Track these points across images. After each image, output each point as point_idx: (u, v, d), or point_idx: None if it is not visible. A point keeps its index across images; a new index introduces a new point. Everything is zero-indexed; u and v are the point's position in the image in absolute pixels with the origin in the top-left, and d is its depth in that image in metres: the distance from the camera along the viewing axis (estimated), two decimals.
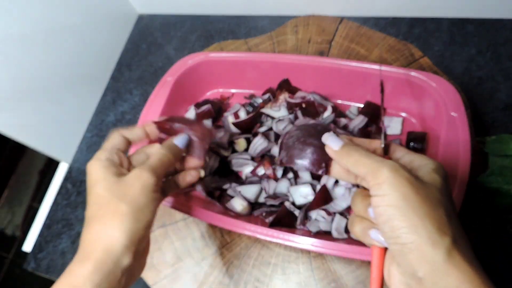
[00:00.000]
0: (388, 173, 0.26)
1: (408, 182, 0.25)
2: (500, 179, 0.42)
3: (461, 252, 0.24)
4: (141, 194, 0.32)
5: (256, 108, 0.57)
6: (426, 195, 0.25)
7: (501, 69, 0.56)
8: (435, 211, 0.25)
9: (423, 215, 0.24)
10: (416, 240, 0.24)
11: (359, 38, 0.63)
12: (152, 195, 0.33)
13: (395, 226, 0.25)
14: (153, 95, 0.55)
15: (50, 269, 0.59)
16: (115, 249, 0.29)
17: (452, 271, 0.23)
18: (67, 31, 0.64)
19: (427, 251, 0.24)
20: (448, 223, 0.25)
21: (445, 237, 0.24)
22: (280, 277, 0.48)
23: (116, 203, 0.30)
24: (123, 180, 0.32)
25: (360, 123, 0.52)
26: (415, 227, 0.24)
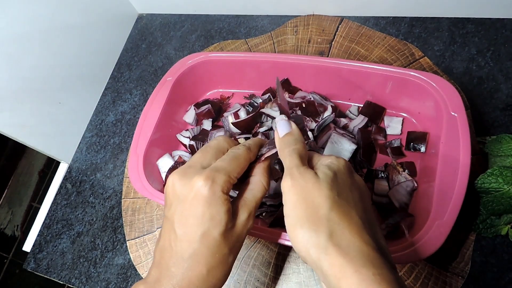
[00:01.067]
0: (288, 181, 0.28)
1: (300, 189, 0.27)
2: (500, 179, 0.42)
3: (336, 245, 0.24)
4: (242, 241, 0.31)
5: (256, 108, 0.57)
6: (311, 197, 0.26)
7: (501, 69, 0.56)
8: (316, 210, 0.25)
9: (304, 220, 0.25)
10: (302, 247, 0.25)
11: (359, 38, 0.63)
12: None
13: (290, 237, 0.26)
14: (153, 95, 0.55)
15: (50, 269, 0.59)
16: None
17: (330, 269, 0.24)
18: (67, 31, 0.64)
19: (312, 254, 0.25)
20: (326, 218, 0.25)
21: (321, 234, 0.24)
22: (280, 277, 0.48)
23: (227, 254, 0.29)
24: (235, 226, 0.29)
25: (360, 123, 0.52)
26: (299, 234, 0.25)
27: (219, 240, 0.28)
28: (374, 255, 0.24)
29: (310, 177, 0.27)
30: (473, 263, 0.44)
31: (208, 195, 0.28)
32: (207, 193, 0.28)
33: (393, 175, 0.48)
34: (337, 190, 0.27)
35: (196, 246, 0.28)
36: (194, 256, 0.28)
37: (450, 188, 0.39)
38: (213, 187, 0.28)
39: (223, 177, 0.29)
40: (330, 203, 0.26)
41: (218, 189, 0.28)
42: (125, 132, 0.68)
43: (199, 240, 0.28)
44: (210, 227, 0.28)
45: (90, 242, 0.59)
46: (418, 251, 0.37)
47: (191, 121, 0.60)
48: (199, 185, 0.28)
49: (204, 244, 0.28)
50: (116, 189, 0.63)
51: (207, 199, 0.28)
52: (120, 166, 0.65)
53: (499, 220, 0.44)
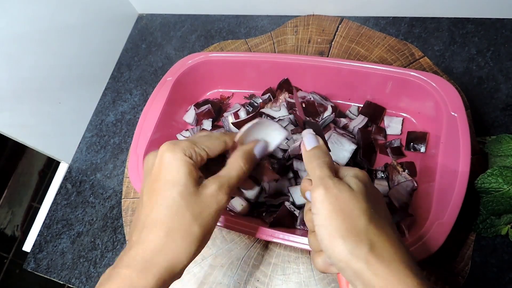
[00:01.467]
0: (321, 190, 0.27)
1: (335, 200, 0.27)
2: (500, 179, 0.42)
3: (379, 256, 0.25)
4: (214, 218, 0.29)
5: (256, 108, 0.57)
6: (348, 209, 0.26)
7: (501, 69, 0.56)
8: (355, 221, 0.26)
9: (344, 231, 0.26)
10: (343, 258, 0.25)
11: (359, 38, 0.63)
12: (219, 217, 0.30)
13: (326, 247, 0.26)
14: (153, 95, 0.55)
15: (50, 269, 0.59)
16: (176, 270, 0.28)
17: (373, 279, 0.24)
18: (67, 31, 0.64)
19: (353, 265, 0.25)
20: (366, 230, 0.26)
21: (362, 246, 0.25)
22: (280, 277, 0.48)
23: (190, 221, 0.28)
24: (202, 194, 0.29)
25: (360, 123, 0.52)
26: (339, 244, 0.25)
27: (178, 201, 0.28)
28: (413, 266, 0.25)
29: (345, 189, 0.27)
30: (473, 263, 0.44)
31: (169, 156, 0.29)
32: (168, 154, 0.29)
33: (393, 175, 0.48)
34: (371, 203, 0.27)
35: (156, 208, 0.28)
36: (153, 219, 0.28)
37: (450, 188, 0.39)
38: (175, 150, 0.29)
39: (185, 143, 0.30)
40: (368, 215, 0.26)
41: (180, 151, 0.29)
42: (125, 132, 0.68)
43: (160, 201, 0.28)
44: (169, 187, 0.28)
45: (90, 242, 0.59)
46: (418, 251, 0.37)
47: (191, 121, 0.60)
48: (162, 150, 0.29)
49: (162, 205, 0.28)
50: (116, 189, 0.63)
51: (168, 159, 0.28)
52: (120, 166, 0.65)
53: (499, 220, 0.44)
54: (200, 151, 0.30)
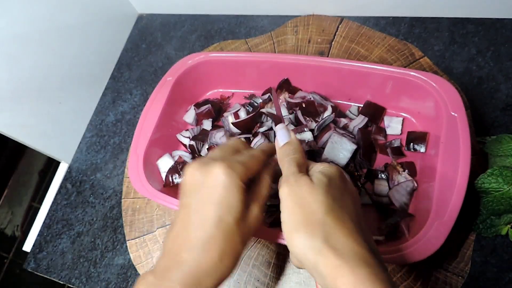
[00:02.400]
0: (284, 188, 0.29)
1: (295, 195, 0.28)
2: (500, 179, 0.42)
3: (332, 248, 0.25)
4: (252, 234, 0.31)
5: (256, 108, 0.57)
6: (306, 203, 0.27)
7: (501, 69, 0.56)
8: (312, 215, 0.27)
9: (301, 224, 0.27)
10: (300, 250, 0.26)
11: (359, 38, 0.63)
12: None
13: (288, 242, 0.27)
14: (153, 95, 0.55)
15: (50, 269, 0.59)
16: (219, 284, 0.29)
17: (326, 269, 0.25)
18: (67, 31, 0.64)
19: (309, 257, 0.26)
20: (322, 222, 0.26)
21: (316, 238, 0.26)
22: (280, 277, 0.48)
23: (239, 244, 0.29)
24: (247, 217, 0.30)
25: (360, 123, 0.52)
26: (296, 238, 0.26)
27: (233, 227, 0.29)
28: (368, 256, 0.25)
29: (305, 183, 0.28)
30: (473, 263, 0.44)
31: (226, 182, 0.29)
32: (226, 179, 0.29)
33: (393, 175, 0.48)
34: (331, 195, 0.28)
35: (211, 231, 0.28)
36: (208, 241, 0.28)
37: (450, 188, 0.39)
38: (232, 175, 0.29)
39: (241, 167, 0.30)
40: (325, 207, 0.27)
41: (236, 177, 0.29)
42: (125, 132, 0.68)
43: (215, 225, 0.28)
44: (226, 213, 0.28)
45: (90, 242, 0.59)
46: (418, 251, 0.37)
47: (191, 121, 0.60)
48: (219, 171, 0.29)
49: (219, 229, 0.28)
50: (116, 189, 0.63)
51: (225, 185, 0.29)
52: (120, 166, 0.65)
53: (499, 220, 0.44)
54: (251, 175, 0.31)
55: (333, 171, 0.30)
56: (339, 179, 0.30)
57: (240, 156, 0.32)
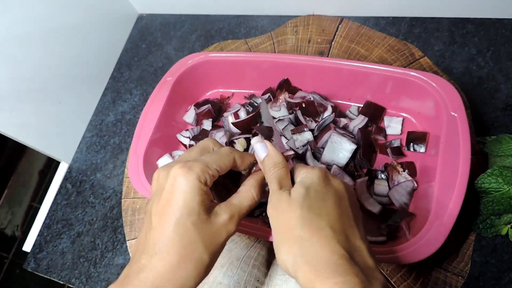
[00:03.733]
0: (269, 208, 0.30)
1: (277, 214, 0.29)
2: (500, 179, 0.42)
3: (307, 261, 0.26)
4: (222, 246, 0.30)
5: (256, 108, 0.57)
6: (285, 219, 0.28)
7: (501, 69, 0.56)
8: (290, 230, 0.27)
9: (281, 241, 0.28)
10: (283, 266, 0.27)
11: (359, 38, 0.63)
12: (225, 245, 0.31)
13: (276, 258, 0.28)
14: (153, 95, 0.55)
15: (50, 269, 0.59)
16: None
17: (302, 283, 0.25)
18: (67, 31, 0.64)
19: (290, 272, 0.27)
20: (299, 236, 0.27)
21: (294, 255, 0.26)
22: (280, 277, 0.48)
23: (202, 251, 0.28)
24: (212, 223, 0.29)
25: (360, 123, 0.52)
26: (279, 254, 0.28)
27: (191, 230, 0.28)
28: (340, 263, 0.25)
29: (284, 200, 0.29)
30: (473, 263, 0.44)
31: (183, 183, 0.28)
32: (183, 181, 0.28)
33: (393, 175, 0.48)
34: (307, 206, 0.28)
35: (168, 234, 0.27)
36: (165, 245, 0.27)
37: (450, 188, 0.39)
38: (189, 175, 0.28)
39: (199, 166, 0.29)
40: (301, 221, 0.27)
41: (194, 177, 0.28)
42: (125, 132, 0.68)
43: (172, 228, 0.27)
44: (184, 215, 0.28)
45: (90, 242, 0.59)
46: (418, 251, 0.37)
47: (191, 121, 0.60)
48: (177, 173, 0.28)
49: (176, 232, 0.27)
50: (116, 189, 0.63)
51: (182, 186, 0.28)
52: (120, 166, 0.65)
53: (499, 220, 0.44)
54: (214, 173, 0.30)
55: (313, 177, 0.30)
56: (320, 184, 0.29)
57: (204, 156, 0.31)
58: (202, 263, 0.28)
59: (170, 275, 0.27)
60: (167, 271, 0.27)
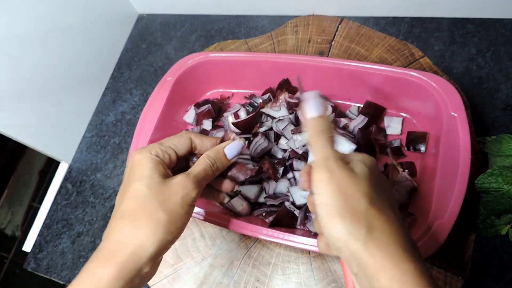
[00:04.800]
0: (324, 173, 0.27)
1: (338, 182, 0.27)
2: (500, 179, 0.42)
3: (376, 239, 0.24)
4: (181, 205, 0.30)
5: (256, 108, 0.57)
6: (350, 191, 0.26)
7: (501, 69, 0.56)
8: (355, 203, 0.26)
9: (343, 211, 0.25)
10: (341, 237, 0.25)
11: (359, 38, 0.63)
12: (189, 208, 0.31)
13: (325, 225, 0.26)
14: (153, 95, 0.55)
15: (50, 269, 0.59)
16: (142, 257, 0.28)
17: (369, 261, 0.24)
18: (67, 31, 0.64)
19: (350, 245, 0.25)
20: (366, 212, 0.25)
21: (361, 228, 0.25)
22: (280, 277, 0.48)
23: (156, 208, 0.29)
24: (168, 183, 0.30)
25: (360, 123, 0.52)
26: (338, 223, 0.25)
27: (144, 192, 0.29)
28: (412, 250, 0.25)
29: (348, 172, 0.27)
30: (473, 263, 0.44)
31: (137, 156, 0.31)
32: (136, 155, 0.32)
33: (393, 175, 0.48)
34: (373, 186, 0.27)
35: (124, 202, 0.30)
36: (121, 211, 0.29)
37: (450, 188, 0.39)
38: (142, 151, 0.32)
39: (152, 144, 0.33)
40: (369, 198, 0.26)
41: (147, 151, 0.31)
42: (125, 132, 0.68)
43: (127, 195, 0.30)
44: (137, 182, 0.30)
45: (90, 242, 0.59)
46: None
47: (191, 121, 0.60)
48: (133, 154, 0.32)
49: (130, 198, 0.29)
50: (116, 189, 0.63)
51: (136, 159, 0.31)
52: (120, 166, 0.65)
53: (499, 220, 0.44)
54: (167, 149, 0.33)
55: (372, 161, 0.30)
56: (376, 170, 0.30)
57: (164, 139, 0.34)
58: (157, 220, 0.29)
59: (125, 237, 0.28)
60: (121, 235, 0.28)
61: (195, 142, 0.35)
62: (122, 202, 0.30)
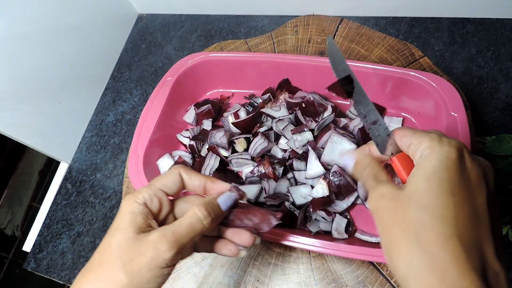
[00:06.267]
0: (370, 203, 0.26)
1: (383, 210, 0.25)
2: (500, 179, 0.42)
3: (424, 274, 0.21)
4: (149, 268, 0.26)
5: (256, 108, 0.57)
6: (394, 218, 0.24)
7: (501, 69, 0.56)
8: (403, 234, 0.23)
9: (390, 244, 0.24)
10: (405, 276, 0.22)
11: (359, 38, 0.63)
12: (161, 271, 0.27)
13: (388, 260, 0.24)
14: (153, 95, 0.55)
15: (50, 269, 0.59)
16: None
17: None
18: (67, 31, 0.64)
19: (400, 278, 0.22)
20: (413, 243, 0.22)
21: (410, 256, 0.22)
22: (280, 277, 0.48)
23: (117, 268, 0.26)
24: (140, 240, 0.26)
25: (360, 123, 0.52)
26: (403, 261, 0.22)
27: (111, 247, 0.27)
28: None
29: (391, 196, 0.24)
30: None
31: (123, 206, 0.28)
32: (123, 203, 0.28)
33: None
34: (427, 205, 0.22)
35: (94, 254, 0.27)
36: (88, 264, 0.27)
37: None
38: (130, 198, 0.28)
39: (143, 188, 0.29)
40: (417, 225, 0.22)
41: (133, 198, 0.28)
42: (125, 132, 0.68)
43: (99, 248, 0.28)
44: (110, 235, 0.27)
45: (90, 242, 0.59)
46: None
47: (191, 121, 0.60)
48: (123, 199, 0.29)
49: (99, 251, 0.27)
50: (116, 189, 0.63)
51: (121, 209, 0.28)
52: (120, 166, 0.65)
53: None
54: (156, 192, 0.29)
55: (440, 158, 0.23)
56: (449, 170, 0.22)
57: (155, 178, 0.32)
58: (117, 283, 0.25)
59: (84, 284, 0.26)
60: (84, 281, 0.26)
61: (183, 176, 0.31)
62: (94, 253, 0.28)
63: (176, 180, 0.31)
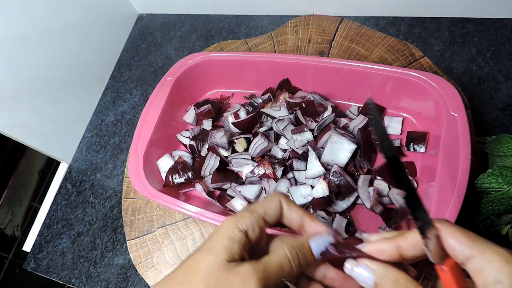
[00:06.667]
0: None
1: None
2: (500, 179, 0.42)
3: None
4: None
5: (256, 108, 0.57)
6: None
7: (501, 69, 0.56)
8: None
9: None
10: None
11: (359, 38, 0.63)
12: None
13: None
14: (153, 95, 0.55)
15: (50, 269, 0.59)
16: None
17: None
18: (67, 31, 0.64)
19: None
20: None
21: None
22: None
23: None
24: (229, 270, 0.24)
25: (360, 123, 0.52)
26: None
27: (198, 271, 0.25)
28: None
29: None
30: None
31: (223, 226, 0.26)
32: (224, 223, 0.27)
33: None
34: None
35: (179, 269, 0.26)
36: (170, 277, 0.26)
37: (450, 188, 0.39)
38: (232, 221, 0.26)
39: (246, 213, 0.27)
40: None
41: (235, 222, 0.26)
42: (125, 132, 0.68)
43: (185, 263, 0.26)
44: (200, 253, 0.26)
45: (90, 242, 0.59)
46: None
47: (191, 121, 0.60)
48: (226, 218, 0.27)
49: (183, 268, 0.26)
50: (116, 189, 0.63)
51: (221, 228, 0.26)
52: (120, 166, 0.65)
53: (499, 220, 0.44)
54: (258, 221, 0.27)
55: None
56: None
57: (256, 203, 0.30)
58: None
59: None
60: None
61: (283, 207, 0.29)
62: (179, 265, 0.26)
63: (277, 209, 0.29)
